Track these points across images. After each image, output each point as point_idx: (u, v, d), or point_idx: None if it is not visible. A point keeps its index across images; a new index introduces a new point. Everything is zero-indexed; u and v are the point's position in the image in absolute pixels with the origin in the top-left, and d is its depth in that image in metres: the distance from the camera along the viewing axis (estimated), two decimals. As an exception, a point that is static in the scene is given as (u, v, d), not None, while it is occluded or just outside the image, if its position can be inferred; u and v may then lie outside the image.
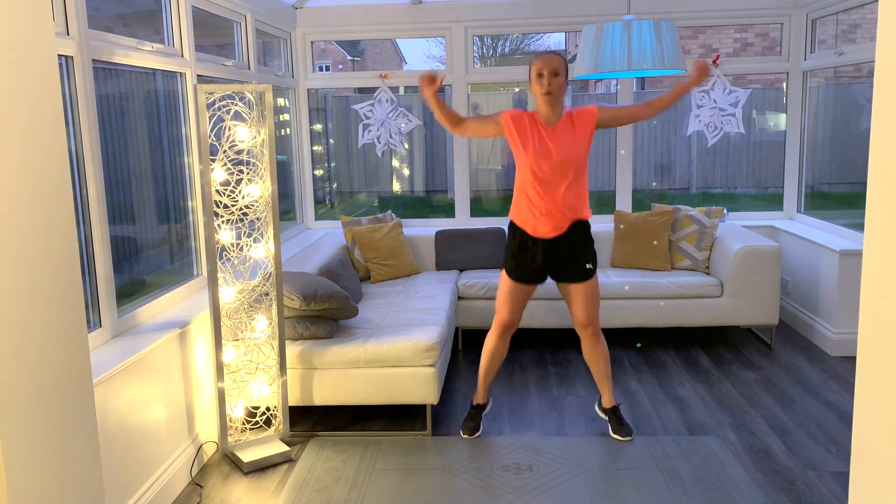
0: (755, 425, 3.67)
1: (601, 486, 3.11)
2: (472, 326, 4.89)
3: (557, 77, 3.22)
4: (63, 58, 2.76)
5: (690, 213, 5.06)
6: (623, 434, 3.51)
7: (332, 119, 7.94)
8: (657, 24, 3.26)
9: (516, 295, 3.45)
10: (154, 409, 3.02)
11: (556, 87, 3.21)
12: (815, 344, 4.85)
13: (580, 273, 3.38)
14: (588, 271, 3.38)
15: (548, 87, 3.20)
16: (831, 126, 8.72)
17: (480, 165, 9.15)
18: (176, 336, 3.20)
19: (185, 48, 3.67)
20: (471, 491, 3.11)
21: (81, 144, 2.85)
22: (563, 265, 3.38)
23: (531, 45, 20.59)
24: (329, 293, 3.61)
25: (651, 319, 4.77)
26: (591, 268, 3.38)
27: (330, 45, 22.16)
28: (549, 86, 3.20)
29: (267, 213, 3.42)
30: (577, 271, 3.38)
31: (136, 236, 3.66)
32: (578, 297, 3.41)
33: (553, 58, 3.25)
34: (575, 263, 3.37)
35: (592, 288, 3.41)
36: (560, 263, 3.37)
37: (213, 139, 3.25)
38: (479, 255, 5.18)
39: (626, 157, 5.59)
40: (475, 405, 3.67)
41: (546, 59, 3.24)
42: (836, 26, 6.44)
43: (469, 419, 3.64)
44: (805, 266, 5.00)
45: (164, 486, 3.03)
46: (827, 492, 3.04)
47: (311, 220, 5.89)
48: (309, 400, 3.66)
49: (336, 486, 3.17)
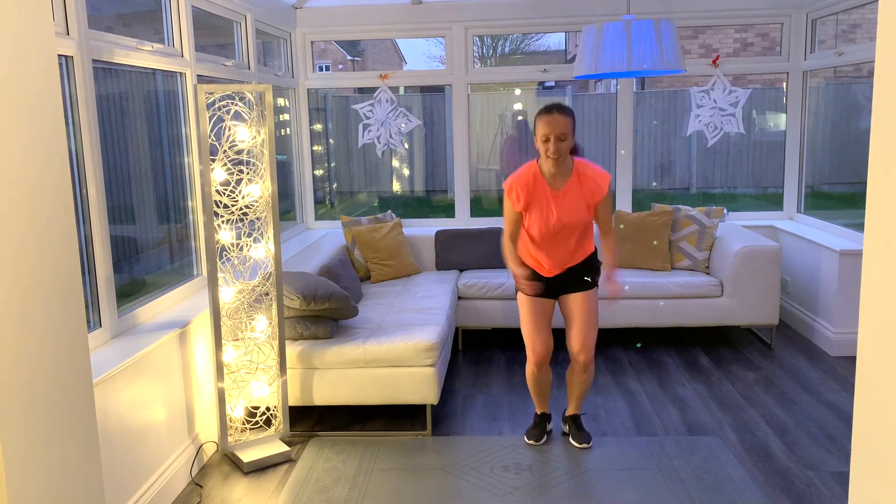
0: (755, 425, 3.67)
1: (601, 486, 3.11)
2: (472, 326, 4.90)
3: (564, 142, 3.15)
4: (63, 58, 2.76)
5: (690, 213, 5.06)
6: (581, 440, 3.47)
7: (332, 119, 7.94)
8: (657, 24, 3.26)
9: (538, 314, 3.38)
10: (154, 409, 3.02)
11: (562, 151, 3.16)
12: (815, 344, 4.85)
13: (582, 283, 3.37)
14: (587, 283, 3.36)
15: (554, 151, 3.15)
16: (831, 126, 8.72)
17: (480, 165, 9.15)
18: (176, 336, 3.20)
19: (185, 48, 3.67)
20: (471, 491, 3.11)
21: (81, 144, 2.85)
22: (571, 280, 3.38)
23: (531, 45, 20.59)
24: (329, 293, 3.61)
25: (651, 319, 4.77)
26: (589, 280, 3.37)
27: (330, 45, 22.16)
28: (556, 150, 3.15)
29: (267, 213, 3.42)
30: (580, 283, 3.38)
31: (136, 236, 3.66)
32: (577, 314, 3.36)
33: (559, 120, 3.14)
34: (580, 277, 3.38)
35: (591, 305, 3.37)
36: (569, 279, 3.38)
37: (213, 139, 3.25)
38: (479, 255, 5.18)
39: (626, 157, 5.59)
40: (539, 414, 3.62)
41: (553, 122, 3.14)
42: (836, 26, 6.43)
43: (534, 426, 3.59)
44: (805, 266, 5.00)
45: (164, 486, 3.03)
46: (827, 492, 3.04)
47: (311, 220, 5.89)
48: (309, 400, 3.66)
49: (336, 486, 3.17)
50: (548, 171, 3.25)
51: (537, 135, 3.20)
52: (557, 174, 3.25)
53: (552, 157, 3.16)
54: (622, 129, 5.57)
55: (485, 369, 4.56)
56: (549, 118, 3.16)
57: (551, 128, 3.14)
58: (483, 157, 9.16)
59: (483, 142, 9.00)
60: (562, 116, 3.15)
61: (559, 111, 3.16)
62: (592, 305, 3.38)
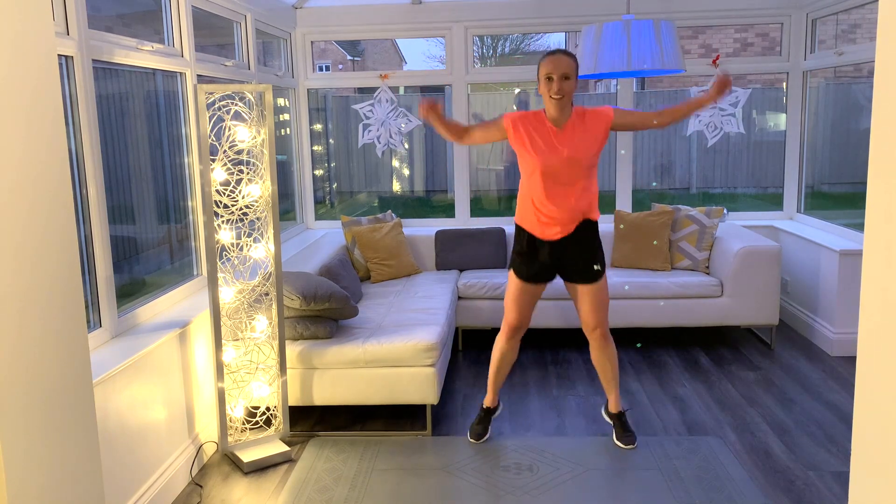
0: (755, 425, 3.67)
1: (601, 487, 3.11)
2: (472, 326, 4.90)
3: (568, 80, 3.13)
4: (63, 58, 2.76)
5: (690, 213, 5.06)
6: (626, 441, 3.44)
7: (332, 119, 7.93)
8: (657, 24, 3.26)
9: (525, 295, 3.39)
10: (154, 409, 3.02)
11: (566, 91, 3.14)
12: (815, 344, 4.85)
13: (588, 274, 3.32)
14: (596, 272, 3.32)
15: (557, 90, 3.12)
16: (831, 126, 8.71)
17: (480, 165, 9.15)
18: (176, 336, 3.20)
19: (185, 48, 3.67)
20: (471, 491, 3.11)
21: (81, 144, 2.85)
22: (572, 263, 3.32)
23: (531, 45, 20.58)
24: (329, 293, 3.61)
25: (651, 319, 4.77)
26: (599, 269, 3.32)
27: (330, 45, 22.16)
28: (560, 90, 3.12)
29: (267, 213, 3.42)
30: (586, 272, 3.32)
31: (136, 236, 3.66)
32: (586, 298, 3.35)
33: (563, 59, 3.14)
34: (583, 264, 3.31)
35: (601, 289, 3.35)
36: (569, 260, 3.31)
37: (213, 139, 3.25)
38: (479, 255, 5.18)
39: (626, 156, 5.59)
40: (485, 408, 3.62)
41: (556, 61, 3.14)
42: (836, 26, 6.43)
43: (477, 422, 3.59)
44: (805, 266, 5.00)
45: (164, 486, 3.03)
46: (827, 492, 3.04)
47: (311, 220, 5.89)
48: (309, 400, 3.66)
49: (336, 486, 3.17)
50: (551, 113, 3.22)
51: (540, 76, 3.18)
52: (560, 118, 3.21)
53: (556, 96, 3.13)
54: (622, 129, 5.56)
55: (485, 369, 4.55)
56: (552, 58, 3.16)
57: (554, 66, 3.13)
58: (483, 157, 9.16)
59: (483, 142, 8.98)
60: (565, 57, 3.16)
61: (563, 53, 3.18)
62: (603, 286, 3.36)
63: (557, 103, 3.16)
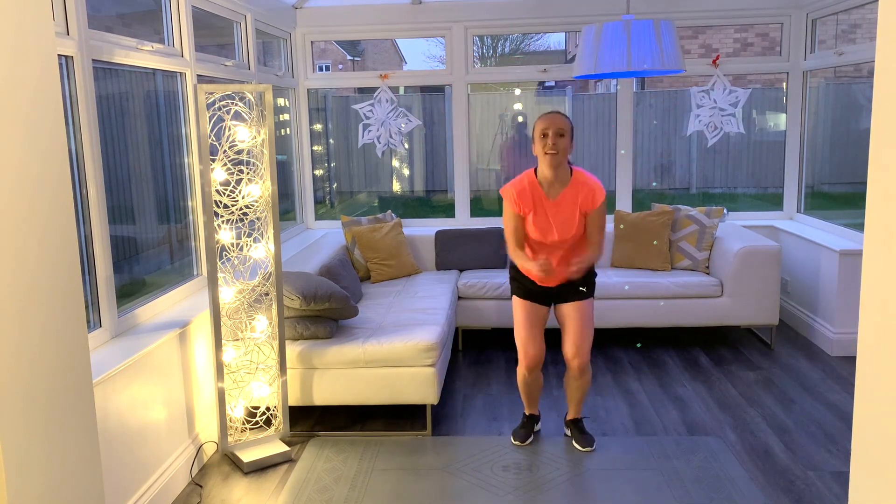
0: (755, 425, 3.67)
1: (601, 486, 3.11)
2: (472, 326, 4.90)
3: (562, 138, 3.15)
4: (63, 58, 2.76)
5: (690, 213, 5.06)
6: (584, 443, 3.45)
7: (332, 119, 7.94)
8: (657, 24, 3.26)
9: (533, 319, 3.37)
10: (154, 409, 3.02)
11: (560, 147, 3.15)
12: (815, 344, 4.85)
13: (573, 295, 3.35)
14: (580, 293, 3.34)
15: (552, 146, 3.14)
16: (831, 126, 8.71)
17: (480, 165, 9.15)
18: (176, 336, 3.20)
19: (185, 48, 3.67)
20: (471, 491, 3.11)
21: (81, 144, 2.85)
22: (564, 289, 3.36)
23: (531, 45, 20.59)
24: (329, 293, 3.61)
25: (651, 319, 4.77)
26: (584, 290, 3.34)
27: (330, 45, 22.16)
28: (554, 146, 3.14)
29: (267, 213, 3.42)
30: (572, 293, 3.35)
31: (136, 236, 3.66)
32: (571, 323, 3.34)
33: (558, 118, 3.18)
34: (570, 285, 3.35)
35: (586, 316, 3.35)
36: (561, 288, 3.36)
37: (213, 139, 3.25)
38: (479, 255, 5.18)
39: (626, 156, 5.59)
40: (527, 415, 3.62)
41: (551, 119, 3.17)
42: (836, 26, 6.43)
43: (521, 427, 3.59)
44: (805, 266, 5.00)
45: (164, 486, 3.03)
46: (827, 492, 3.04)
47: (311, 220, 5.89)
48: (309, 400, 3.66)
49: (336, 486, 3.17)
50: (545, 177, 3.24)
51: (535, 135, 3.21)
52: (554, 181, 3.23)
53: (550, 151, 3.15)
54: (622, 129, 5.57)
55: (485, 369, 4.56)
56: (548, 116, 3.21)
57: (549, 123, 3.17)
58: (483, 157, 9.16)
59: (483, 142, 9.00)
60: (560, 116, 3.21)
61: (558, 113, 3.23)
62: (587, 314, 3.36)
63: (552, 160, 3.17)
